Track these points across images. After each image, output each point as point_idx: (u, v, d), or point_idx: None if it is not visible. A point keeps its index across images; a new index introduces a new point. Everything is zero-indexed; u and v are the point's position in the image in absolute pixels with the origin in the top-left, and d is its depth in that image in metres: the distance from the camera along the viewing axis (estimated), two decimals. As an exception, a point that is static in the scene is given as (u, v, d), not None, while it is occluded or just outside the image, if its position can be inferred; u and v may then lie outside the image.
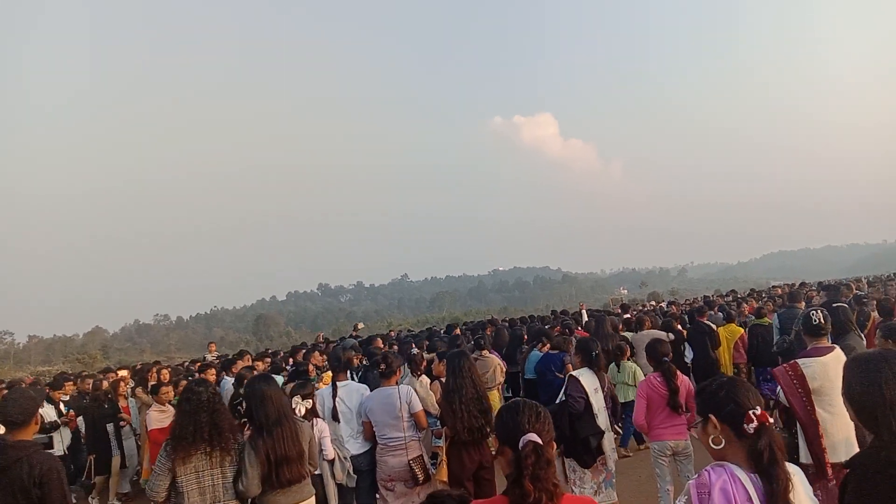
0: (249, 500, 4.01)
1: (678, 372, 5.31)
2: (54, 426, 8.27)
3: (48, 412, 8.41)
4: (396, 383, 5.43)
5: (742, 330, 10.03)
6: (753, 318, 10.75)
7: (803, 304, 9.42)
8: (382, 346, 10.81)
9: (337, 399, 5.65)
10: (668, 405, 5.10)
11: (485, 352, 8.58)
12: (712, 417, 2.07)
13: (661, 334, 8.99)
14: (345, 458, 5.47)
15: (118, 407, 8.60)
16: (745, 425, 1.98)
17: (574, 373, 5.28)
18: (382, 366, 5.40)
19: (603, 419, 5.10)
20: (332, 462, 5.35)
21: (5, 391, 11.00)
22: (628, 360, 8.20)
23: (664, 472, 5.19)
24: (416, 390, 5.56)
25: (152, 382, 8.97)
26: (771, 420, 2.02)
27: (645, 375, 6.13)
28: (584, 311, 18.80)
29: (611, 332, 9.46)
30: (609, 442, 5.23)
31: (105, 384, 8.94)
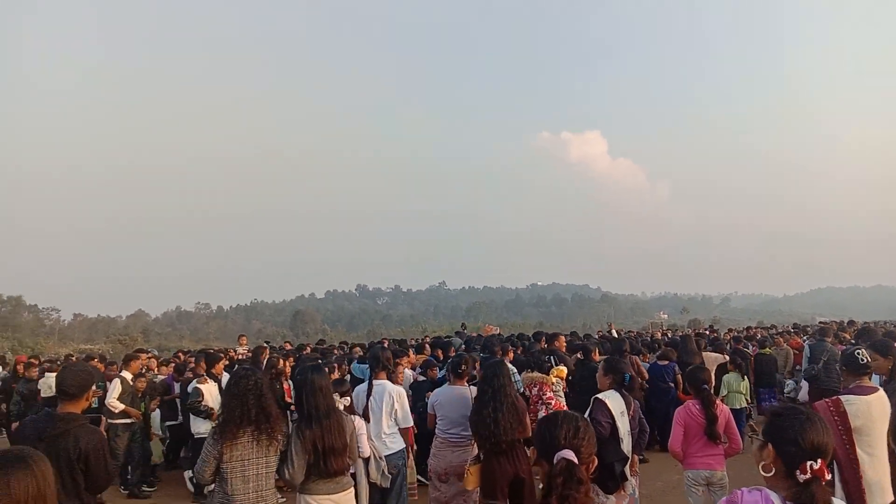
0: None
1: (717, 400, 5.21)
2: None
3: (212, 390, 7.80)
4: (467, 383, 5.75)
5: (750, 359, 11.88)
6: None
7: (831, 337, 10.80)
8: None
9: (371, 398, 5.69)
10: (705, 433, 5.00)
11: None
12: (770, 447, 2.03)
13: (719, 356, 10.17)
14: (380, 457, 5.51)
15: (283, 389, 8.31)
16: (798, 472, 1.95)
17: (600, 395, 5.09)
18: (463, 367, 5.71)
19: (627, 444, 4.96)
20: (367, 460, 5.40)
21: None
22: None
23: (698, 502, 5.07)
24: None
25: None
26: (828, 476, 1.96)
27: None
28: (613, 332, 18.84)
29: (695, 350, 10.04)
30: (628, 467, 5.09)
31: (282, 362, 8.62)
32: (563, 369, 7.48)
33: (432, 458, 5.58)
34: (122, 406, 8.25)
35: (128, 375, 8.66)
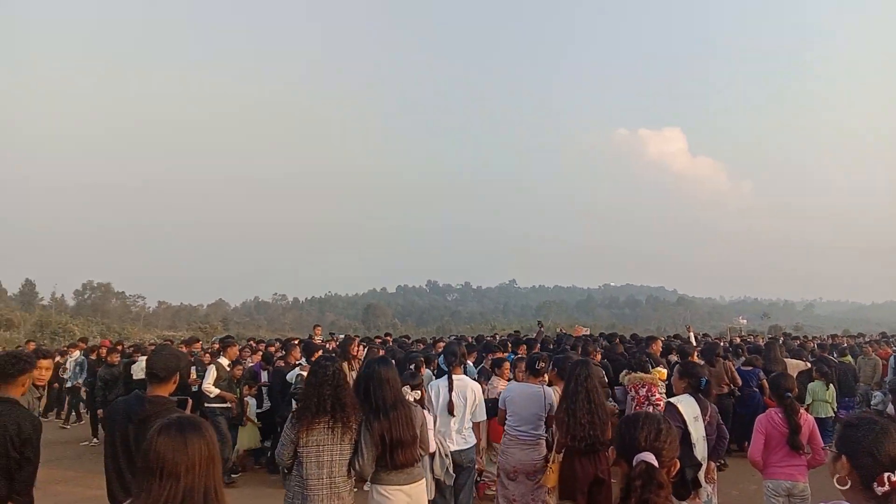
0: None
1: (801, 409, 5.01)
2: None
3: None
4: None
5: None
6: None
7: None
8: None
9: (453, 393, 5.71)
10: (787, 443, 4.80)
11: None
12: (844, 458, 1.94)
13: (800, 363, 10.14)
14: (446, 454, 5.54)
15: None
16: (875, 485, 1.84)
17: (673, 399, 4.98)
18: (541, 364, 5.72)
19: (701, 449, 4.81)
20: (432, 456, 5.43)
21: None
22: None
23: (777, 514, 4.87)
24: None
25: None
26: None
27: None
28: (691, 335, 18.30)
29: (779, 358, 10.06)
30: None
31: (380, 352, 8.34)
32: (664, 371, 7.51)
33: (501, 455, 5.56)
34: (216, 391, 8.55)
35: (224, 361, 8.94)
